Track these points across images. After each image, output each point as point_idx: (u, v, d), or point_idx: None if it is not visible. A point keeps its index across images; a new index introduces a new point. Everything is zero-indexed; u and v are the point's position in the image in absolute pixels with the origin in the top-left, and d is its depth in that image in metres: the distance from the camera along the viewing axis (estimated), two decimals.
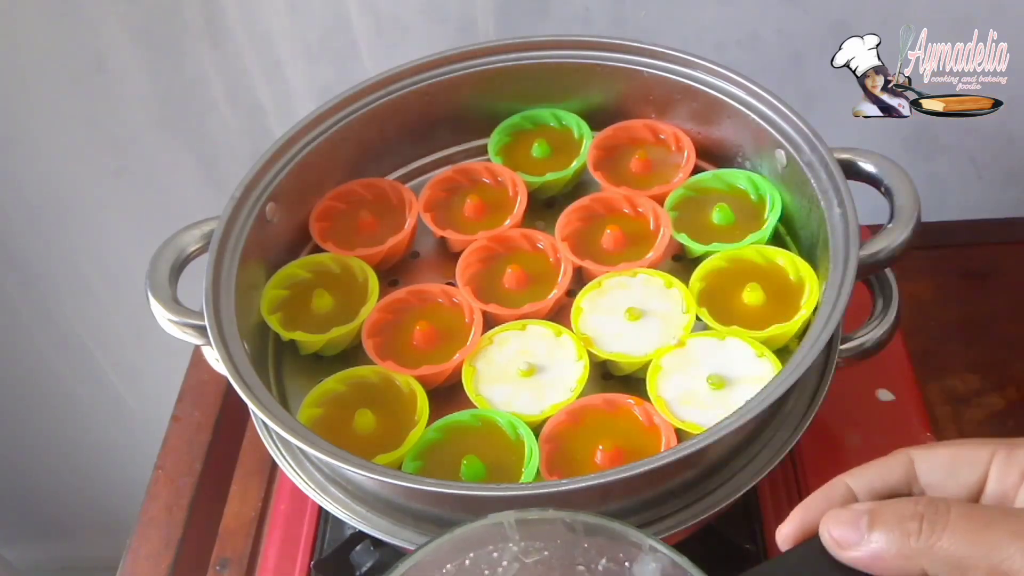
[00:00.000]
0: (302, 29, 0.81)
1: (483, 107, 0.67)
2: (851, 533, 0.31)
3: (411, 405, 0.53)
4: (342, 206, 0.65)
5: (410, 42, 0.81)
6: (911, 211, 0.52)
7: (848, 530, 0.31)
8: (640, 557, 0.36)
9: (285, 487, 0.65)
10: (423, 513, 0.48)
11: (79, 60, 0.82)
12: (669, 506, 0.48)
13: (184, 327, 0.54)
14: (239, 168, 0.59)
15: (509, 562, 0.37)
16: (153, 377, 1.13)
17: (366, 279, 0.60)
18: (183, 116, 0.88)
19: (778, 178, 0.60)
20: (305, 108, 0.64)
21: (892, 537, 0.30)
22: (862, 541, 0.31)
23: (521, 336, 0.56)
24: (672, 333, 0.54)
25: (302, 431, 0.47)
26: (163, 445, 0.73)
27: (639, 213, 0.62)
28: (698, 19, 0.78)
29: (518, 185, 0.64)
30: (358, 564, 0.61)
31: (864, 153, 0.56)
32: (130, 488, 1.03)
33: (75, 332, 1.10)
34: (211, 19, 0.80)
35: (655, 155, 0.66)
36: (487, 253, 0.61)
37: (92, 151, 0.90)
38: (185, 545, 0.67)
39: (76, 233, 0.98)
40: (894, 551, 0.30)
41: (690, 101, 0.63)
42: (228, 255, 0.55)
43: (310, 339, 0.57)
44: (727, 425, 0.44)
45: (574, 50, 0.65)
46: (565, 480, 0.43)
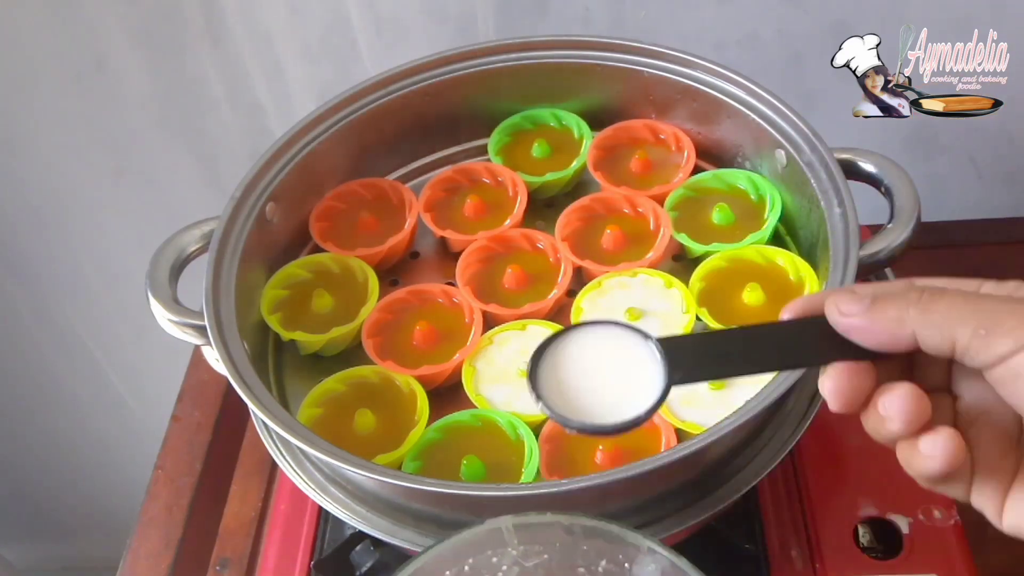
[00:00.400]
0: (302, 29, 0.81)
1: (483, 107, 0.67)
2: (854, 304, 0.34)
3: (411, 405, 0.53)
4: (342, 206, 0.65)
5: (410, 42, 0.81)
6: (911, 211, 0.52)
7: (851, 302, 0.34)
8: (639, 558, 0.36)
9: (285, 487, 0.65)
10: (423, 513, 0.48)
11: (79, 60, 0.83)
12: (669, 506, 0.48)
13: (184, 327, 0.54)
14: (239, 168, 0.59)
15: (509, 566, 0.37)
16: (153, 377, 1.13)
17: (366, 279, 0.60)
18: (183, 116, 0.88)
19: (778, 178, 0.60)
20: (305, 108, 0.64)
21: (893, 303, 0.33)
22: (864, 310, 0.33)
23: (521, 336, 0.56)
24: (672, 333, 0.54)
25: (302, 431, 0.47)
26: (163, 445, 0.73)
27: (639, 213, 0.62)
28: (698, 19, 0.78)
29: (518, 185, 0.64)
30: (358, 564, 0.61)
31: (864, 153, 0.56)
32: (130, 488, 1.03)
33: (75, 332, 1.10)
34: (211, 19, 0.80)
35: (655, 155, 0.66)
36: (487, 253, 0.61)
37: (92, 151, 0.90)
38: (185, 545, 0.67)
39: (76, 233, 0.98)
40: (892, 314, 0.33)
41: (690, 101, 0.63)
42: (228, 255, 0.55)
43: (310, 339, 0.57)
44: (727, 425, 0.44)
45: (574, 50, 0.65)
46: (565, 480, 0.43)
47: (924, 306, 0.32)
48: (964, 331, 0.31)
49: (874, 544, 0.58)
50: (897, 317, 0.33)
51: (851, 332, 0.34)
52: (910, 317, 0.32)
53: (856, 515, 0.59)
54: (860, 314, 0.33)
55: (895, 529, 0.58)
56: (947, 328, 0.32)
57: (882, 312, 0.33)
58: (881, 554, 0.57)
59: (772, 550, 0.58)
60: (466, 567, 0.37)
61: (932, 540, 0.57)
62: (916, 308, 0.32)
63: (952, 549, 0.57)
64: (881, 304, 0.33)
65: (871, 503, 0.59)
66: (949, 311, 0.32)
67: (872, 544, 0.58)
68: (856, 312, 0.33)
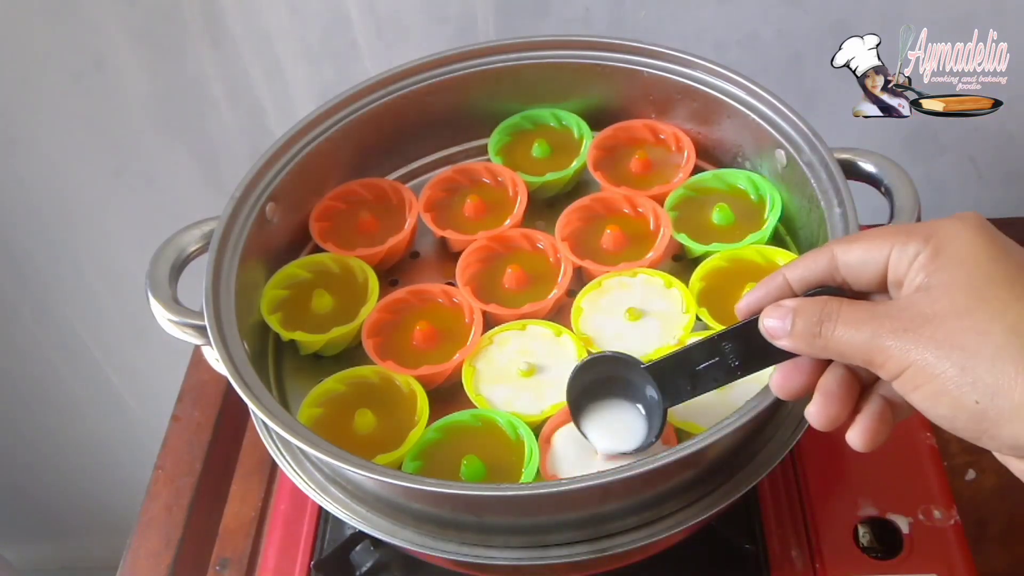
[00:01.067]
0: (302, 29, 0.81)
1: (483, 107, 0.67)
2: (779, 325, 0.39)
3: (411, 405, 0.53)
4: (342, 206, 0.65)
5: (410, 42, 0.81)
6: (911, 211, 0.52)
7: (777, 323, 0.39)
8: None
9: (285, 487, 0.65)
10: (423, 513, 0.48)
11: (79, 60, 0.83)
12: (669, 506, 0.48)
13: (184, 327, 0.54)
14: (239, 168, 0.59)
15: None
16: (153, 377, 1.13)
17: (366, 279, 0.60)
18: (183, 116, 0.88)
19: (778, 178, 0.60)
20: (305, 108, 0.64)
21: (804, 331, 0.38)
22: (787, 334, 0.39)
23: (521, 336, 0.56)
24: (672, 333, 0.55)
25: (302, 431, 0.47)
26: (163, 445, 0.73)
27: (639, 213, 0.62)
28: (698, 19, 0.78)
29: (518, 185, 0.64)
30: (358, 564, 0.61)
31: (864, 153, 0.56)
32: (130, 488, 1.03)
33: (75, 332, 1.10)
34: (211, 19, 0.80)
35: (655, 155, 0.66)
36: (487, 253, 0.61)
37: (92, 151, 0.90)
38: (185, 545, 0.67)
39: (76, 233, 0.98)
40: (806, 344, 0.38)
41: (690, 101, 0.63)
42: (228, 255, 0.55)
43: (310, 339, 0.57)
44: (727, 425, 0.44)
45: (574, 50, 0.65)
46: (565, 480, 0.43)
47: (825, 338, 0.37)
48: (857, 361, 0.37)
49: (874, 544, 0.58)
50: (810, 345, 0.38)
51: (784, 349, 0.40)
52: (819, 347, 0.38)
53: (856, 515, 0.59)
54: (784, 338, 0.39)
55: (895, 529, 0.58)
56: (850, 357, 0.37)
57: (800, 338, 0.38)
58: (881, 554, 0.57)
59: (772, 550, 0.58)
60: None
61: (932, 540, 0.57)
62: (821, 340, 0.38)
63: (952, 549, 0.57)
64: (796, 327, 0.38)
65: (871, 503, 0.59)
66: (841, 346, 0.37)
67: (872, 544, 0.58)
68: (781, 336, 0.39)
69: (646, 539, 0.47)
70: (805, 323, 0.38)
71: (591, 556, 0.47)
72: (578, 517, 0.47)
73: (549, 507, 0.46)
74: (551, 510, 0.46)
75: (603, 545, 0.47)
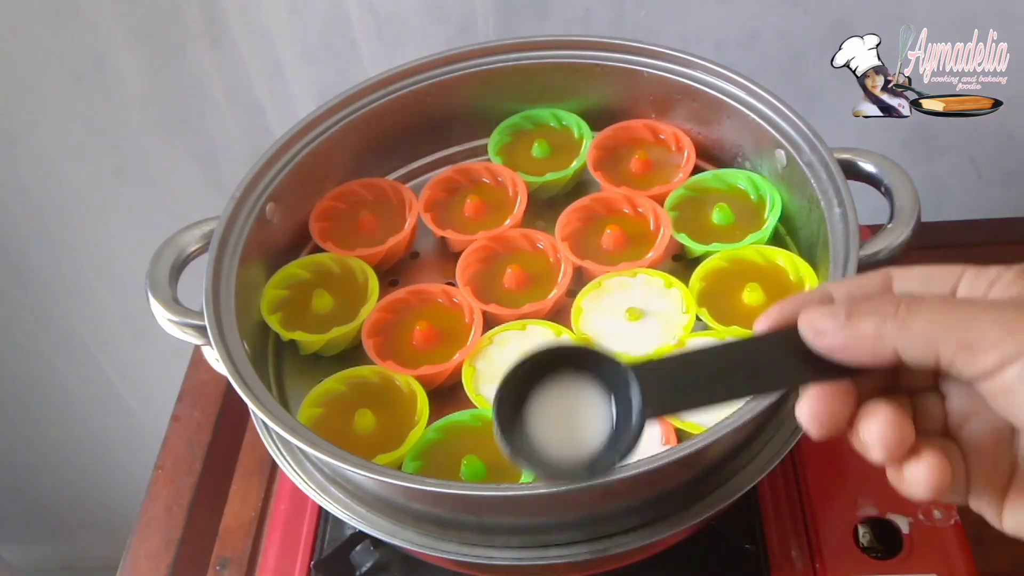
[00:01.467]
0: (302, 29, 0.81)
1: (483, 107, 0.67)
2: (829, 321, 0.32)
3: (411, 405, 0.53)
4: (342, 206, 0.65)
5: (410, 42, 0.81)
6: (911, 211, 0.52)
7: (826, 319, 0.32)
8: None
9: (285, 487, 0.65)
10: (423, 513, 0.48)
11: (79, 60, 0.83)
12: (669, 506, 0.48)
13: (184, 327, 0.54)
14: (239, 168, 0.59)
15: None
16: (153, 377, 1.13)
17: (366, 279, 0.60)
18: (183, 116, 0.88)
19: (778, 178, 0.60)
20: (305, 108, 0.64)
21: (869, 320, 0.31)
22: (839, 327, 0.31)
23: (521, 336, 0.56)
24: (672, 333, 0.54)
25: (302, 431, 0.47)
26: (163, 445, 0.73)
27: (639, 213, 0.62)
28: (698, 19, 0.78)
29: (518, 185, 0.64)
30: (358, 564, 0.61)
31: (864, 153, 0.56)
32: (130, 488, 1.03)
33: (75, 332, 1.10)
34: (211, 19, 0.80)
35: (655, 155, 0.66)
36: (487, 253, 0.61)
37: (92, 151, 0.90)
38: (185, 545, 0.67)
39: (76, 233, 0.98)
40: (870, 331, 0.31)
41: (690, 101, 0.63)
42: (228, 255, 0.55)
43: (310, 339, 0.57)
44: (727, 425, 0.44)
45: (574, 50, 0.65)
46: (565, 480, 0.43)
47: (902, 321, 0.30)
48: (947, 346, 0.30)
49: (874, 544, 0.58)
50: (875, 334, 0.31)
51: (829, 352, 0.32)
52: (888, 333, 0.30)
53: (856, 515, 0.59)
54: (836, 332, 0.31)
55: (895, 529, 0.58)
56: (929, 344, 0.30)
57: (859, 328, 0.31)
58: (881, 554, 0.57)
59: (772, 550, 0.58)
60: None
61: (932, 540, 0.57)
62: (894, 323, 0.30)
63: (952, 549, 0.57)
64: (856, 319, 0.31)
65: (871, 503, 0.59)
66: (929, 325, 0.30)
67: (872, 544, 0.58)
68: (831, 330, 0.31)
69: (646, 539, 0.47)
70: (871, 313, 0.31)
71: (591, 556, 0.47)
72: (578, 517, 0.47)
73: (549, 507, 0.46)
74: (551, 510, 0.46)
75: (603, 545, 0.47)
